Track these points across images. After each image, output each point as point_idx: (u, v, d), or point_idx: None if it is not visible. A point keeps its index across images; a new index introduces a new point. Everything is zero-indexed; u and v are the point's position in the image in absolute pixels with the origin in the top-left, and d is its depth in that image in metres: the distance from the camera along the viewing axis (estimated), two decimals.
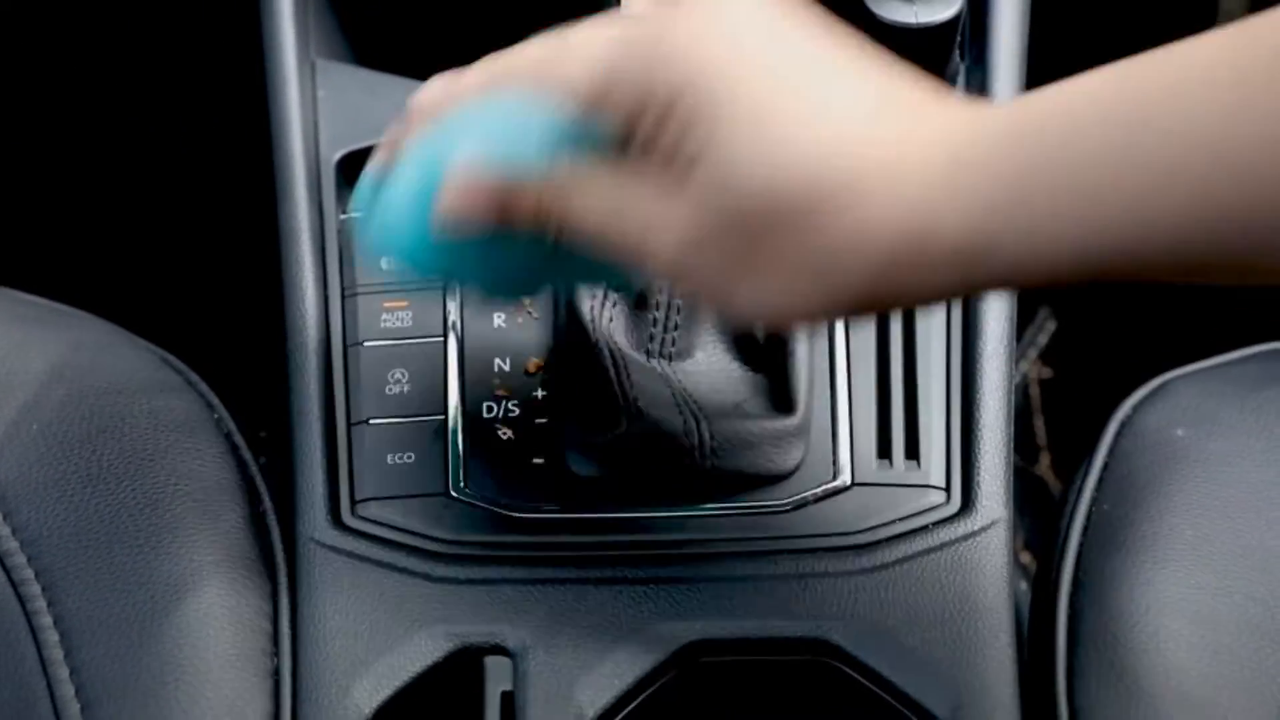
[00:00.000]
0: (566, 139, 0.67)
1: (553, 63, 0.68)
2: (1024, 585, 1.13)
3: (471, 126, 0.69)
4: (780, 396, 0.82)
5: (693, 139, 0.64)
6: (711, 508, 0.81)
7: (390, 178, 0.71)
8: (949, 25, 0.85)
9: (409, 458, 0.82)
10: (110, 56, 1.26)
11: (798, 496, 0.81)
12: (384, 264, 0.87)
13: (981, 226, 0.62)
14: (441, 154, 0.69)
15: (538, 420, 0.83)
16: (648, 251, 0.67)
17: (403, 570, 0.77)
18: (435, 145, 0.70)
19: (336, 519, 0.80)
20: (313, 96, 0.92)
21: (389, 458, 0.82)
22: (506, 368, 0.84)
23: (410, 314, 0.85)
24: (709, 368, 0.83)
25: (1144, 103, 0.60)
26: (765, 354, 0.83)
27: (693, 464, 0.81)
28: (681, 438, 0.81)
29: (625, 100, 0.66)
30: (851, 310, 0.66)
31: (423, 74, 0.94)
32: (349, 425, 0.83)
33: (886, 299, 0.65)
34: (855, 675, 0.75)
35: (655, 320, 0.82)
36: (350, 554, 0.78)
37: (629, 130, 0.66)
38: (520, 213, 0.68)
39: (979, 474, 0.81)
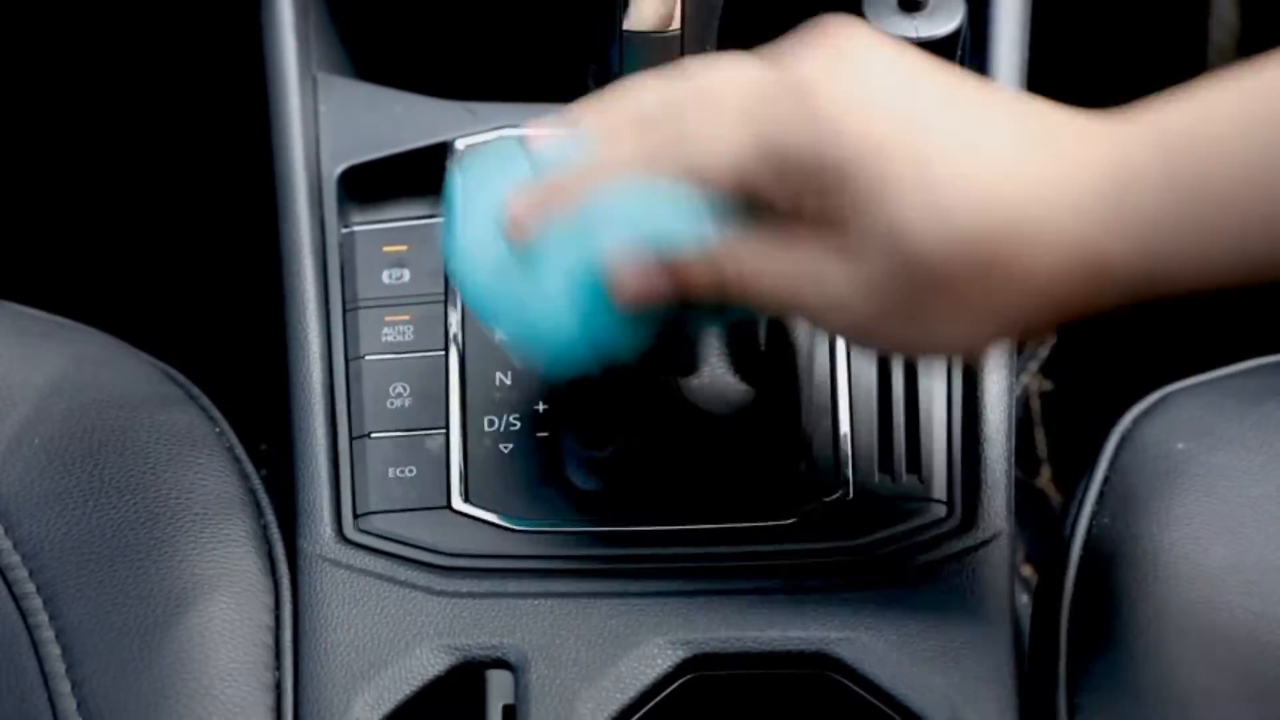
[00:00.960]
0: (719, 215, 0.69)
1: (689, 141, 0.69)
2: (1025, 598, 1.13)
3: (621, 213, 0.70)
4: (782, 409, 0.82)
5: (856, 207, 0.67)
6: (713, 521, 0.81)
7: (533, 272, 0.71)
8: (950, 39, 0.85)
9: (410, 471, 0.82)
10: (113, 67, 1.26)
11: (799, 510, 0.81)
12: (384, 278, 0.87)
13: (1147, 249, 0.66)
14: (595, 242, 0.70)
15: (539, 434, 0.83)
16: (827, 315, 0.70)
17: (404, 584, 0.77)
18: (587, 234, 0.70)
19: (338, 533, 0.80)
20: (314, 111, 0.92)
21: (390, 471, 0.82)
22: (508, 381, 0.84)
23: (412, 328, 0.85)
24: (712, 380, 0.83)
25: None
26: (767, 367, 0.83)
27: (694, 477, 0.81)
28: (683, 451, 0.81)
29: (782, 185, 0.68)
30: (1027, 335, 0.71)
31: (425, 88, 0.94)
32: (351, 439, 0.83)
33: (1060, 321, 0.69)
34: (856, 688, 0.75)
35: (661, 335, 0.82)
36: (352, 567, 0.78)
37: (787, 204, 0.68)
38: (695, 288, 0.70)
39: (981, 487, 0.81)
